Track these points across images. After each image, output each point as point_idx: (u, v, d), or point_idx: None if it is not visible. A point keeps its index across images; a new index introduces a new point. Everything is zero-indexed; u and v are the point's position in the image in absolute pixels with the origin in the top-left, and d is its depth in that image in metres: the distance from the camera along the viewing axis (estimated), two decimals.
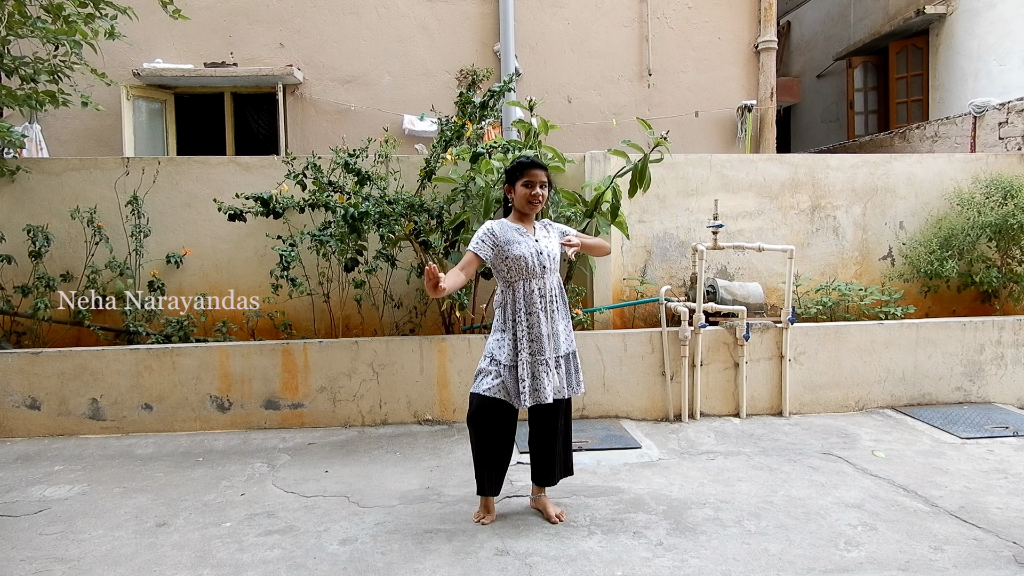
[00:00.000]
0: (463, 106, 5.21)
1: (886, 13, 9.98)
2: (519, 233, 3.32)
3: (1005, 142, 6.61)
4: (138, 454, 4.49)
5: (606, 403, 5.13)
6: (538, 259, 3.29)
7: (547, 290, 3.33)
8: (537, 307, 3.29)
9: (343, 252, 4.94)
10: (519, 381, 3.24)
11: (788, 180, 6.00)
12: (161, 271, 5.42)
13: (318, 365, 4.99)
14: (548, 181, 3.37)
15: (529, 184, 3.31)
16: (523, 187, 3.32)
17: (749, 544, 3.14)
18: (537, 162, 3.32)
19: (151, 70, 7.64)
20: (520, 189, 3.32)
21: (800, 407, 5.24)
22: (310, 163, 5.13)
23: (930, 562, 2.96)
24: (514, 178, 3.35)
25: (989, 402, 5.38)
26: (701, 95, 8.32)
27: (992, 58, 8.18)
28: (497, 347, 3.31)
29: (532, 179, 3.30)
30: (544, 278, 3.33)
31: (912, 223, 6.10)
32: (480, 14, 8.14)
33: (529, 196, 3.30)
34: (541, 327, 3.28)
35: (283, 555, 3.08)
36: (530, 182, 3.30)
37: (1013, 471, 4.04)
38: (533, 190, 3.30)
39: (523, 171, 3.31)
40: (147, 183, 5.47)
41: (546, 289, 3.33)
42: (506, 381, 3.27)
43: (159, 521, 3.46)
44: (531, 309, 3.29)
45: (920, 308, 5.84)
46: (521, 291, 3.29)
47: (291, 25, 8.03)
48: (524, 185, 3.31)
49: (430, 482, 3.94)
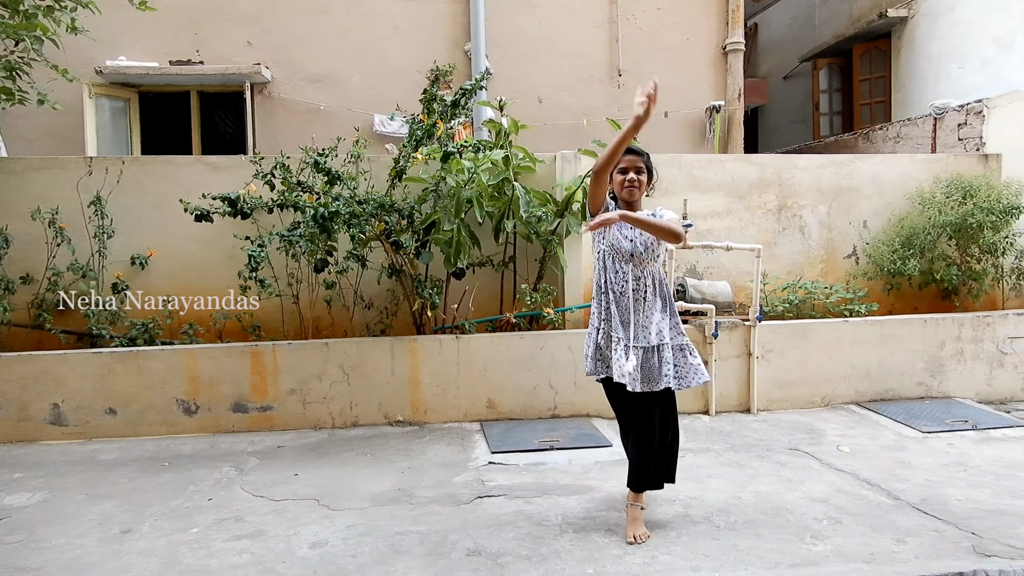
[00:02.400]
0: (428, 103, 5.19)
1: (850, 16, 10.17)
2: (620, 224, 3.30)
3: (964, 143, 6.78)
4: (102, 460, 4.41)
5: (578, 402, 5.15)
6: (622, 246, 3.26)
7: (635, 279, 3.27)
8: (619, 291, 3.27)
9: (313, 253, 4.89)
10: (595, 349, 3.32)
11: (756, 180, 6.09)
12: (126, 273, 5.31)
13: (288, 367, 4.93)
14: (647, 167, 3.33)
15: (624, 170, 3.28)
16: (619, 174, 3.29)
17: (718, 540, 3.18)
18: (634, 148, 3.29)
19: (114, 67, 7.49)
20: (617, 176, 3.30)
21: (768, 404, 5.32)
22: (279, 163, 5.08)
23: (893, 554, 3.03)
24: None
25: (949, 397, 5.52)
26: (671, 96, 8.39)
27: (952, 61, 8.38)
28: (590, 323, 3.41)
29: (628, 165, 3.27)
30: (631, 266, 3.27)
31: (876, 222, 6.23)
32: (452, 13, 8.12)
33: (625, 182, 3.28)
34: (623, 312, 3.26)
35: (252, 560, 3.05)
36: (626, 168, 3.28)
37: (972, 464, 4.14)
38: (628, 175, 3.27)
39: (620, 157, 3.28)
40: (111, 183, 5.36)
41: (631, 277, 3.26)
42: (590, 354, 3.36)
43: (124, 528, 3.39)
44: (608, 289, 3.30)
45: (884, 305, 5.97)
46: (606, 274, 3.32)
47: (259, 23, 7.93)
48: (620, 171, 3.29)
49: (402, 483, 3.92)
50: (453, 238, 4.80)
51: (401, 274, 5.18)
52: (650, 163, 3.38)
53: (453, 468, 4.16)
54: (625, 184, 3.28)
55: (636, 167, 3.29)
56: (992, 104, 6.46)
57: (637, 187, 3.28)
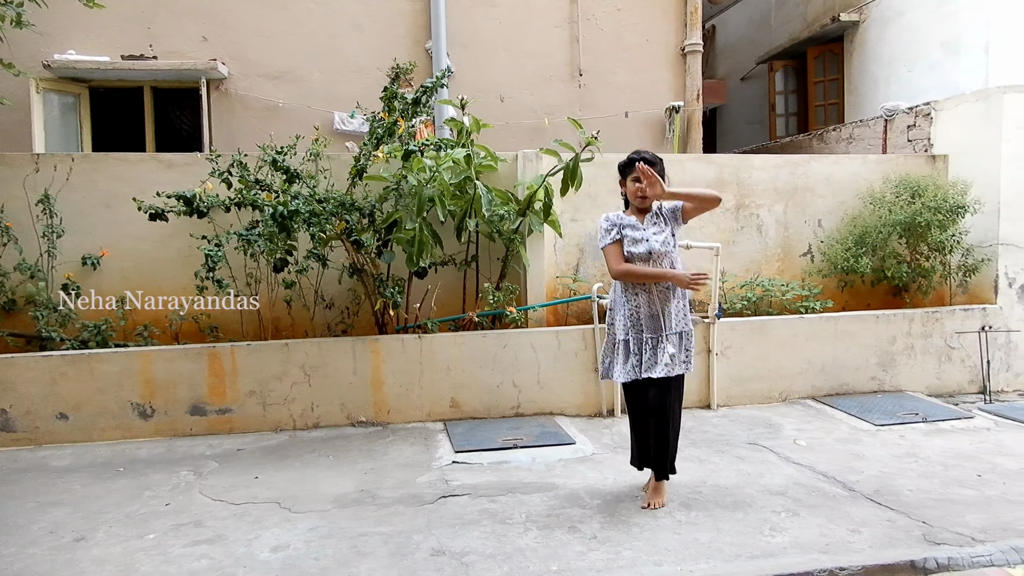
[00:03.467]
0: (389, 100, 5.16)
1: (805, 20, 10.39)
2: (634, 228, 3.47)
3: (913, 144, 6.99)
4: (54, 466, 4.27)
5: (541, 400, 5.17)
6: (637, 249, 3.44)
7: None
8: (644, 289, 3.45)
9: (272, 252, 4.82)
10: (630, 355, 3.45)
11: (714, 179, 6.18)
12: (77, 273, 5.16)
13: (247, 369, 4.85)
14: (659, 175, 3.43)
15: (637, 179, 3.42)
16: (632, 182, 3.45)
17: (680, 534, 3.22)
18: (644, 156, 3.44)
19: (63, 62, 7.25)
20: (629, 184, 3.47)
21: (727, 399, 5.41)
22: (236, 160, 4.99)
23: (848, 544, 3.11)
24: (625, 174, 3.51)
25: (901, 390, 5.68)
26: (631, 96, 8.47)
27: (901, 65, 8.63)
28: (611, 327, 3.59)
29: (638, 174, 3.41)
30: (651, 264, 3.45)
31: (830, 221, 6.38)
32: (412, 11, 8.06)
33: (639, 191, 3.43)
34: (653, 307, 3.43)
35: (211, 565, 2.99)
36: (638, 177, 3.41)
37: (923, 455, 4.28)
38: (638, 183, 3.42)
39: (632, 166, 3.44)
40: (60, 181, 5.20)
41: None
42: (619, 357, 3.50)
43: (77, 536, 3.30)
44: (637, 291, 3.47)
45: (838, 302, 6.12)
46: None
47: (215, 18, 7.76)
48: (633, 180, 3.44)
49: (365, 484, 3.89)
50: (415, 237, 4.77)
51: (363, 273, 5.14)
52: (662, 170, 3.52)
53: (417, 468, 4.14)
54: (638, 193, 3.46)
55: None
56: (939, 107, 6.67)
57: (648, 196, 3.45)
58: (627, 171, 3.51)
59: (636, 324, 3.48)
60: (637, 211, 3.55)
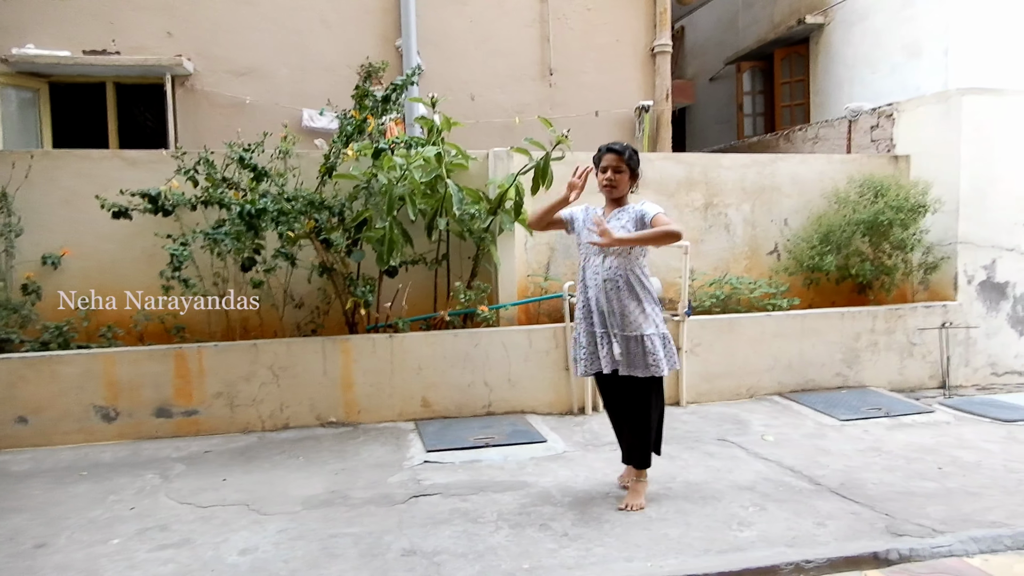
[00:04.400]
0: (360, 99, 5.11)
1: (771, 21, 10.55)
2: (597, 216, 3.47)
3: (877, 144, 7.13)
4: (13, 471, 4.16)
5: (512, 399, 5.18)
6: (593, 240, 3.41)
7: (606, 270, 3.44)
8: (594, 285, 3.47)
9: (240, 251, 4.75)
10: (582, 349, 3.52)
11: (684, 178, 6.24)
12: (36, 273, 5.03)
13: (214, 369, 4.78)
14: (628, 167, 3.48)
15: (605, 169, 3.47)
16: (600, 172, 3.50)
17: (650, 530, 3.25)
18: (614, 147, 3.48)
19: (22, 56, 7.06)
20: (600, 175, 3.52)
21: (697, 396, 5.47)
22: (202, 158, 4.90)
23: (814, 537, 3.17)
24: (596, 163, 3.55)
25: (864, 386, 5.80)
26: (601, 95, 8.51)
27: (865, 67, 8.80)
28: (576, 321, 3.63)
29: (607, 164, 3.47)
30: (605, 260, 3.46)
31: (796, 220, 6.48)
32: (382, 9, 8.00)
33: (603, 180, 3.49)
34: (600, 303, 3.44)
35: (178, 569, 2.94)
36: (605, 167, 3.47)
37: (886, 449, 4.37)
38: (607, 174, 3.46)
39: (600, 157, 3.50)
40: (18, 178, 5.06)
41: (602, 268, 3.45)
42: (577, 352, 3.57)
43: (38, 542, 3.22)
44: (588, 285, 3.52)
45: (804, 300, 6.22)
46: (585, 270, 3.55)
47: (179, 13, 7.62)
48: (601, 170, 3.50)
49: (336, 485, 3.86)
50: (385, 236, 4.74)
51: (332, 273, 5.09)
52: (634, 160, 3.50)
53: (388, 468, 4.11)
54: (603, 182, 3.49)
55: (615, 166, 3.47)
56: (901, 108, 6.82)
57: (615, 186, 3.46)
58: (598, 160, 3.55)
59: (587, 318, 3.54)
60: (608, 203, 3.59)
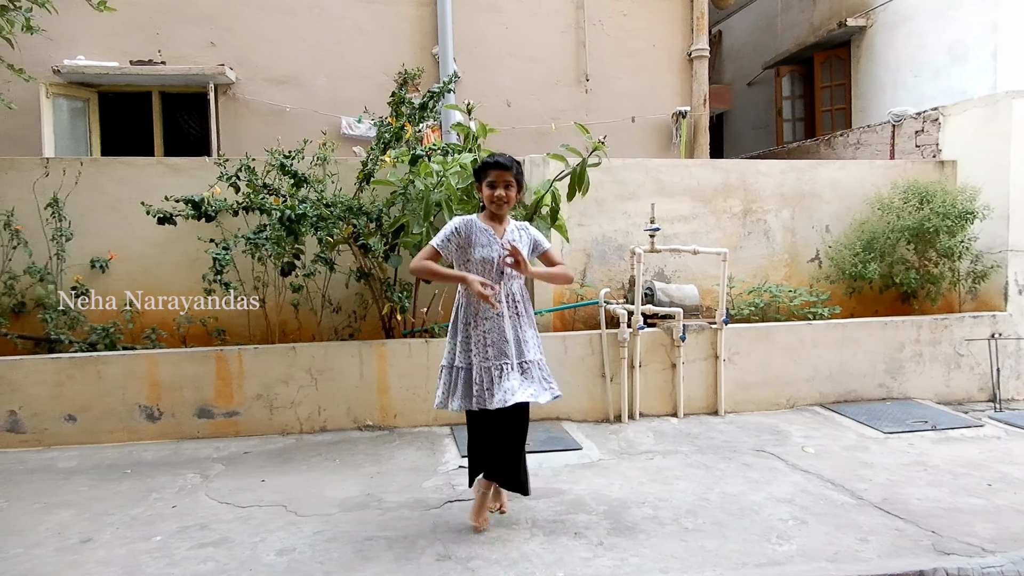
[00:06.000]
0: (396, 105, 5.17)
1: (811, 24, 10.38)
2: (486, 235, 3.26)
3: (921, 149, 6.96)
4: (60, 468, 4.28)
5: (547, 405, 5.11)
6: (499, 263, 3.23)
7: (508, 295, 3.26)
8: (491, 311, 3.21)
9: (280, 256, 4.83)
10: (472, 384, 3.19)
11: (721, 185, 6.17)
12: (85, 276, 5.18)
13: (253, 372, 4.86)
14: (517, 181, 3.28)
15: (493, 184, 3.24)
16: (487, 187, 3.26)
17: (686, 541, 3.21)
18: (502, 162, 3.25)
19: (73, 67, 7.30)
20: (485, 190, 3.27)
21: (734, 406, 5.39)
22: (244, 165, 5.00)
23: (856, 553, 3.09)
24: (480, 178, 3.31)
25: (909, 398, 5.65)
26: (637, 101, 8.47)
27: (908, 70, 8.61)
28: (448, 350, 3.29)
29: (496, 179, 3.24)
30: (507, 283, 3.27)
31: (837, 227, 6.36)
32: (418, 17, 8.08)
33: (492, 197, 3.24)
34: (501, 331, 3.22)
35: (216, 568, 2.99)
36: (493, 182, 3.24)
37: (932, 463, 4.25)
38: (496, 191, 3.23)
39: (487, 171, 3.26)
40: (69, 184, 5.22)
41: (505, 293, 3.25)
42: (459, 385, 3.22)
43: (83, 537, 3.30)
44: (487, 313, 3.21)
45: (845, 308, 6.09)
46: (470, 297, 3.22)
47: (222, 23, 7.80)
48: (488, 185, 3.25)
49: (370, 489, 3.89)
50: (422, 241, 4.76)
51: (370, 278, 5.14)
52: (521, 176, 3.34)
53: (422, 472, 4.13)
54: (493, 199, 3.26)
55: (505, 181, 3.25)
56: (947, 112, 6.65)
57: (505, 202, 3.26)
58: (482, 175, 3.29)
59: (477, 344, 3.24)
60: (491, 218, 3.31)
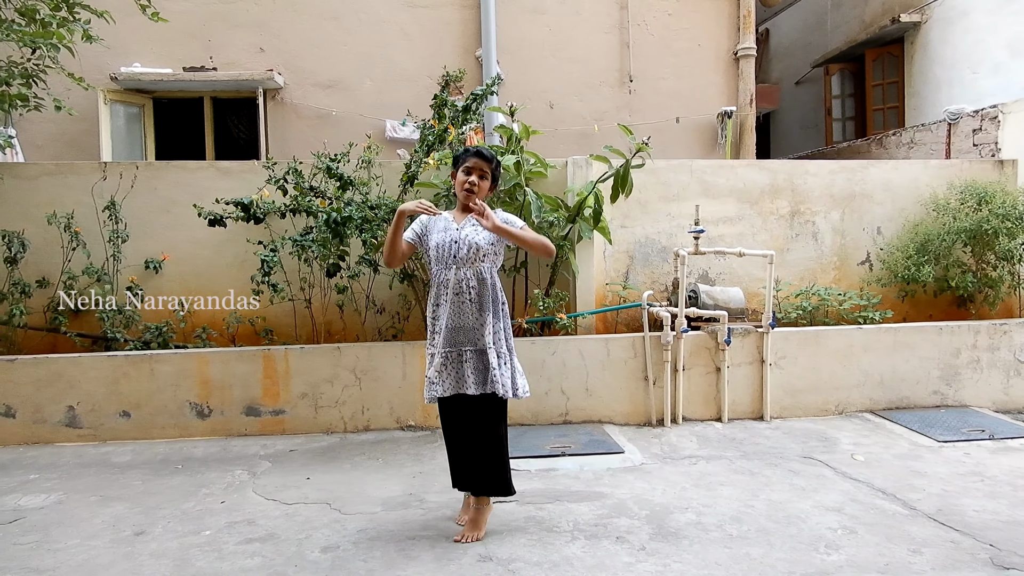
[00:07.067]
0: (440, 108, 5.21)
1: (862, 21, 10.13)
2: (446, 222, 3.30)
3: (979, 148, 6.73)
4: (115, 462, 4.43)
5: (589, 408, 5.13)
6: (451, 248, 3.23)
7: (461, 281, 3.22)
8: (446, 298, 3.24)
9: (325, 257, 4.91)
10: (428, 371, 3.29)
11: (767, 186, 6.06)
12: (139, 277, 5.35)
13: (299, 371, 4.95)
14: (492, 176, 3.29)
15: (468, 171, 3.26)
16: (462, 172, 3.28)
17: (731, 548, 3.15)
18: (483, 152, 3.27)
19: (129, 74, 7.56)
20: (459, 175, 3.29)
21: (781, 411, 5.28)
22: (291, 168, 5.10)
23: (909, 565, 3.00)
24: (457, 163, 3.33)
25: (965, 405, 5.46)
26: (681, 101, 8.39)
27: (965, 66, 8.32)
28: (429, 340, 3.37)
29: (472, 166, 3.26)
30: (460, 269, 3.23)
31: (889, 228, 6.18)
32: (461, 20, 8.14)
33: (465, 183, 3.25)
34: (455, 318, 3.23)
35: (263, 563, 3.05)
36: (470, 168, 3.26)
37: (989, 474, 4.09)
38: (470, 176, 3.25)
39: (467, 157, 3.28)
40: (124, 188, 5.40)
41: (458, 279, 3.22)
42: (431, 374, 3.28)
43: (137, 530, 3.41)
44: (440, 300, 3.27)
45: (898, 313, 5.92)
46: (437, 280, 3.29)
47: (271, 29, 7.98)
48: (464, 171, 3.27)
49: (412, 488, 3.92)
50: None
51: (413, 279, 5.19)
52: (497, 172, 3.34)
53: None
54: (464, 185, 3.25)
55: (480, 171, 3.26)
56: (1007, 110, 6.41)
57: (473, 191, 3.24)
58: (461, 161, 3.29)
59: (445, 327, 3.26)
60: (462, 210, 3.31)
